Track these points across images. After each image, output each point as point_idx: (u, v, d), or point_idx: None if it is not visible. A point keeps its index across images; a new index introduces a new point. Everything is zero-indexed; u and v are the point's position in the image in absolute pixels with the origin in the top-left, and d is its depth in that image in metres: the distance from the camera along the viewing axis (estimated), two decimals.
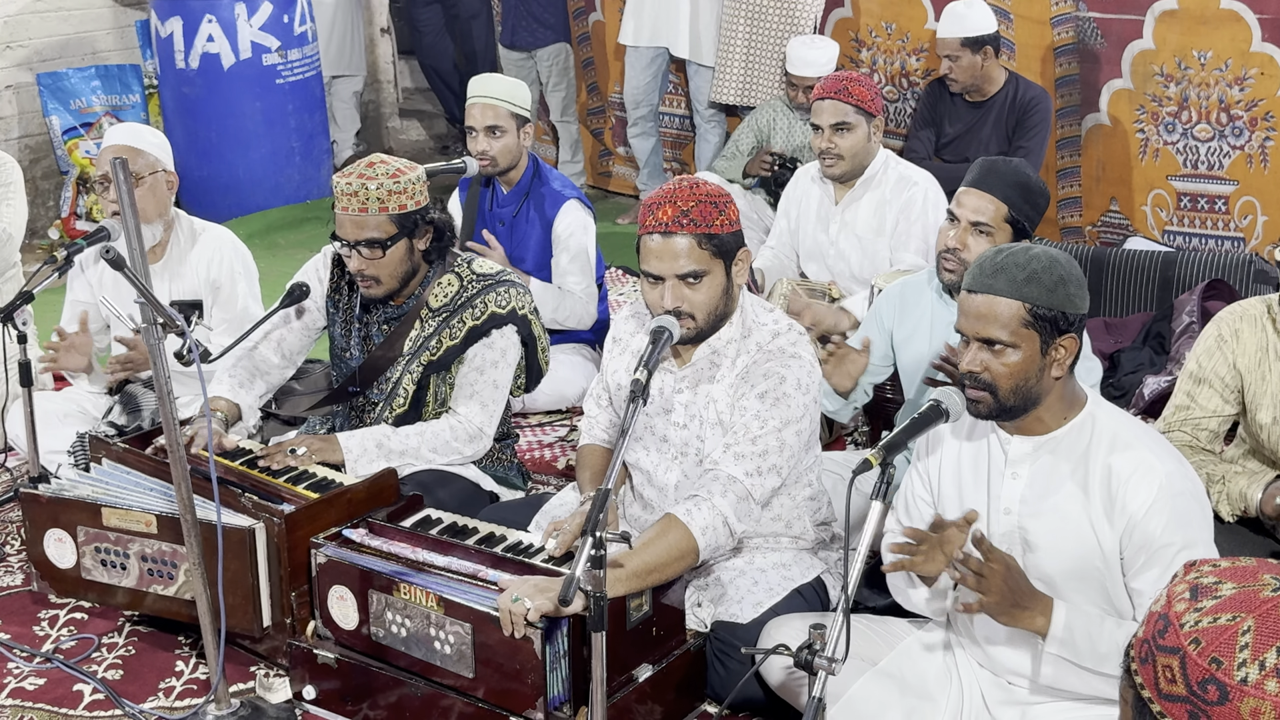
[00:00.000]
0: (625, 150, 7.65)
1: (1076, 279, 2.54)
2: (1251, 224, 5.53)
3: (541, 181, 4.89)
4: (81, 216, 7.42)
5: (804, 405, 3.06)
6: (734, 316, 3.13)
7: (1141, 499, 2.47)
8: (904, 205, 4.70)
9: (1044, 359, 2.52)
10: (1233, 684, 1.36)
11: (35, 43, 7.45)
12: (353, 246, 3.54)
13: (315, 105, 7.69)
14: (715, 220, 2.98)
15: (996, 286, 2.52)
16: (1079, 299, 2.54)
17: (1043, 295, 2.50)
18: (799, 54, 5.93)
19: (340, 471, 3.53)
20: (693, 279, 2.99)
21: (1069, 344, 2.53)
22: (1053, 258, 2.54)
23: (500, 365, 3.70)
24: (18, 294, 3.85)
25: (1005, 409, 2.56)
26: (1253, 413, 3.26)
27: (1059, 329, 2.51)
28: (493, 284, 3.69)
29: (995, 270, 2.54)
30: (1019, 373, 2.52)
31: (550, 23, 7.60)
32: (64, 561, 3.48)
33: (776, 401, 3.02)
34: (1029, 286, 2.50)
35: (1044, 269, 2.51)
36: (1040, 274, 2.51)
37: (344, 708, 3.14)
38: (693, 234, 2.97)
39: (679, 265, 2.98)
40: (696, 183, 3.03)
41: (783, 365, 3.06)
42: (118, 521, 3.37)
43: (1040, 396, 2.56)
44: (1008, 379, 2.53)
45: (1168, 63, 5.55)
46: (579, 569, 2.43)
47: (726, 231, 3.00)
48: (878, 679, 2.74)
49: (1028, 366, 2.52)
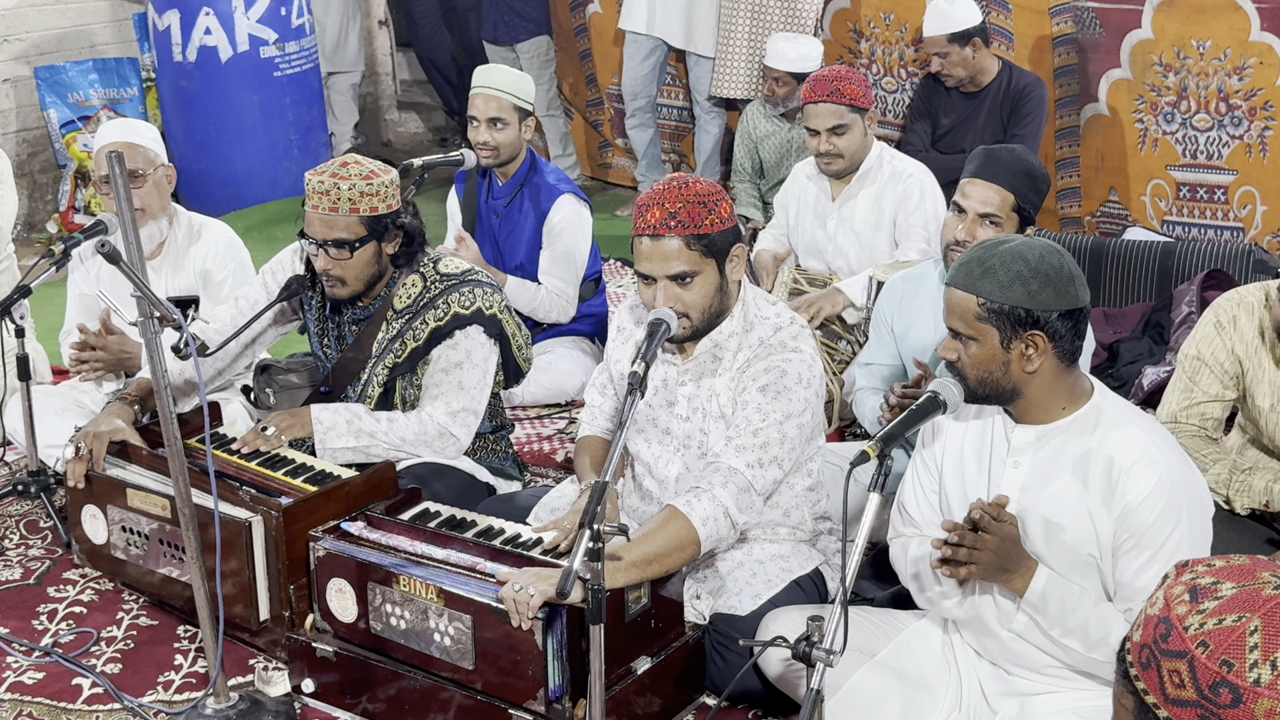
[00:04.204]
0: (624, 142, 7.64)
1: (1045, 275, 2.49)
2: (1250, 214, 5.52)
3: (536, 174, 4.88)
4: (80, 210, 7.41)
5: (805, 399, 3.06)
6: (735, 310, 3.13)
7: (1140, 487, 2.47)
8: (901, 198, 4.70)
9: (1007, 353, 2.52)
10: (1246, 686, 1.35)
11: (32, 36, 7.44)
12: (320, 245, 3.52)
13: (313, 98, 7.67)
14: (704, 220, 2.98)
15: (957, 280, 2.56)
16: (1046, 296, 2.49)
17: (995, 291, 2.49)
18: (776, 47, 5.96)
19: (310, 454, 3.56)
20: (684, 279, 2.99)
21: (1039, 340, 2.50)
22: (1020, 253, 2.50)
23: (465, 366, 3.65)
24: (15, 288, 3.85)
25: (976, 397, 2.60)
26: (1251, 399, 3.26)
27: (1021, 324, 2.49)
28: (457, 284, 3.64)
29: (960, 264, 2.57)
30: (981, 365, 2.55)
31: (531, 16, 7.57)
32: (97, 537, 3.59)
33: (778, 395, 3.02)
34: (983, 281, 2.50)
35: (1003, 264, 2.50)
36: (997, 269, 2.49)
37: (343, 700, 3.15)
38: (681, 235, 2.97)
39: (669, 266, 2.99)
40: (686, 182, 3.03)
41: (784, 359, 3.06)
42: (139, 503, 3.44)
43: (1016, 388, 2.55)
44: (972, 369, 2.56)
45: (1166, 52, 5.54)
46: (577, 561, 2.43)
47: (716, 230, 3.00)
48: (876, 670, 2.74)
49: (989, 360, 2.53)
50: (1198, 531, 2.51)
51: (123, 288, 3.02)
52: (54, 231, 7.34)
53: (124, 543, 3.52)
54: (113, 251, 2.80)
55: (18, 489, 4.02)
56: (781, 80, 5.91)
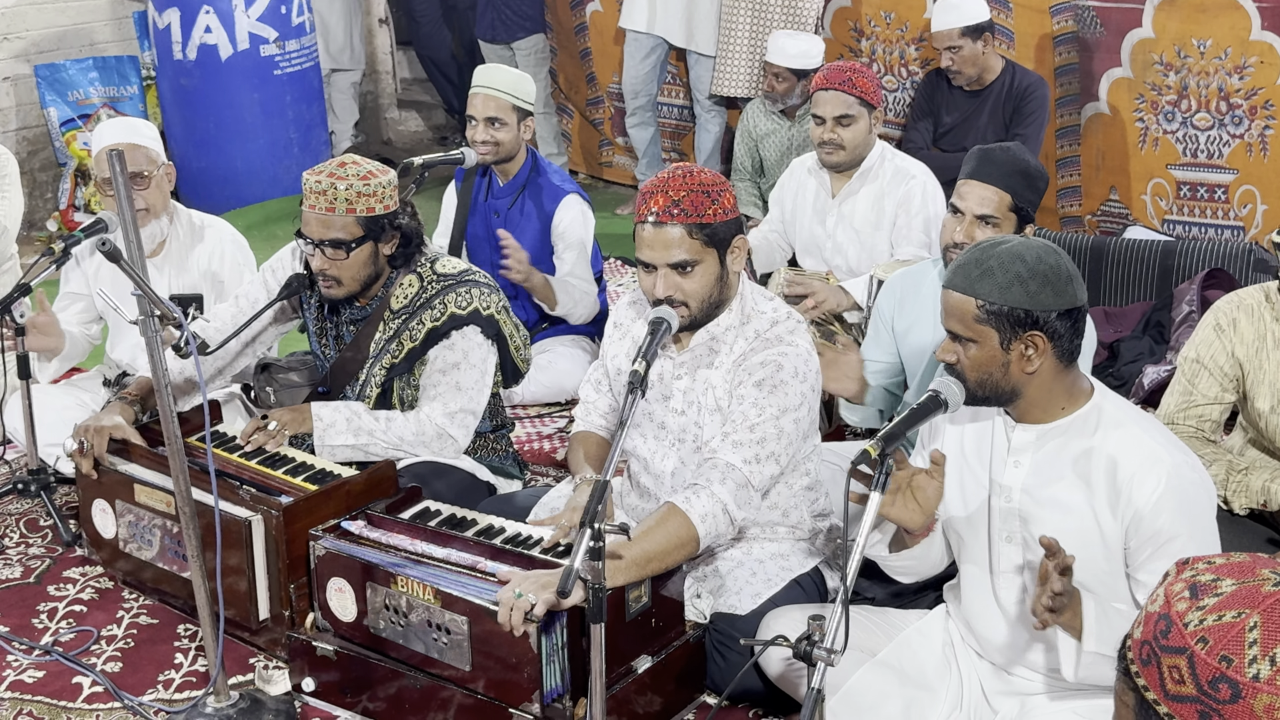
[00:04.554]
0: (624, 140, 7.63)
1: (1043, 276, 2.48)
2: (1251, 213, 5.52)
3: (540, 174, 4.88)
4: (80, 208, 7.40)
5: (801, 393, 3.05)
6: (733, 303, 3.12)
7: (1148, 491, 2.46)
8: (903, 199, 4.70)
9: (1006, 354, 2.51)
10: (1245, 681, 1.35)
11: (33, 34, 7.44)
12: (317, 245, 3.51)
13: (313, 96, 7.67)
14: (708, 209, 2.97)
15: (955, 282, 2.54)
16: (1044, 296, 2.48)
17: (994, 292, 2.49)
18: (777, 43, 5.94)
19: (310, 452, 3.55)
20: (685, 268, 2.99)
21: (1038, 341, 2.49)
22: (1017, 254, 2.50)
23: (462, 367, 3.64)
24: (15, 286, 3.85)
25: (976, 398, 2.58)
26: (1251, 400, 3.26)
27: (1022, 325, 2.49)
28: (454, 284, 3.63)
29: (958, 266, 2.56)
30: (980, 366, 2.53)
31: (527, 14, 7.56)
32: (107, 532, 3.61)
33: (774, 389, 3.02)
34: (981, 283, 2.50)
35: (1000, 266, 2.49)
36: (995, 271, 2.49)
37: (343, 699, 3.14)
38: (684, 224, 2.97)
39: (670, 255, 2.98)
40: (691, 171, 3.03)
41: (780, 353, 3.05)
42: (146, 499, 3.45)
43: (1015, 388, 2.55)
44: (971, 371, 2.55)
45: (1167, 51, 5.54)
46: (577, 560, 2.43)
47: (719, 220, 2.99)
48: (877, 670, 2.74)
49: (988, 361, 2.52)
50: (1208, 527, 2.51)
51: (123, 286, 3.02)
52: (54, 230, 7.34)
53: (130, 538, 3.53)
54: (113, 250, 2.80)
55: (18, 487, 4.02)
56: (781, 76, 5.90)
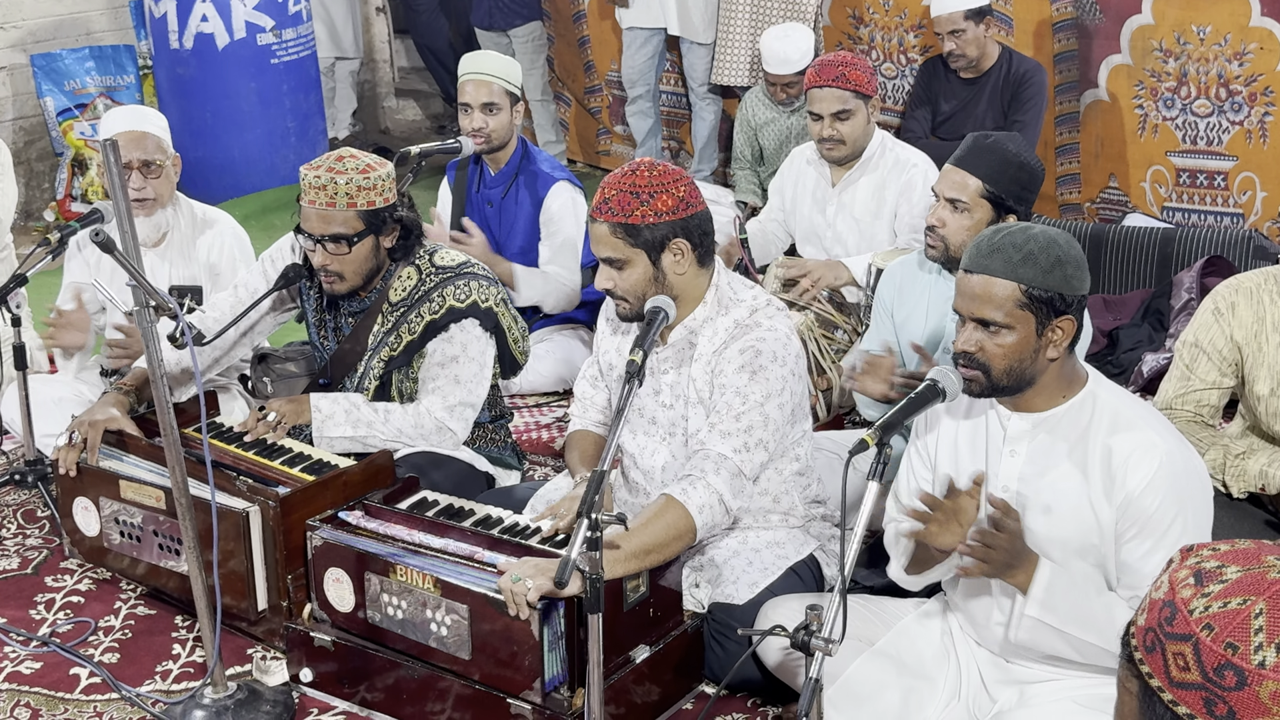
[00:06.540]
0: (622, 129, 7.62)
1: (1075, 260, 2.52)
2: (1250, 200, 5.51)
3: (530, 162, 4.86)
4: (77, 198, 7.39)
5: (782, 377, 3.05)
6: (707, 295, 3.12)
7: (1140, 475, 2.47)
8: (904, 187, 4.68)
9: (1039, 340, 2.51)
10: (1250, 668, 1.34)
11: (29, 24, 7.42)
12: (318, 241, 3.50)
13: (311, 85, 7.64)
14: (634, 210, 2.96)
15: (992, 267, 2.51)
16: (1077, 280, 2.52)
17: (1038, 276, 2.48)
18: (776, 52, 5.86)
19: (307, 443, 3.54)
20: (613, 264, 3.00)
21: (1066, 325, 2.51)
22: (1051, 238, 2.51)
23: (461, 360, 3.63)
24: (11, 276, 3.84)
25: (998, 389, 2.56)
26: (1250, 385, 3.26)
27: (1056, 310, 2.50)
28: (452, 277, 3.62)
29: (991, 250, 2.52)
30: (1013, 354, 2.51)
31: (524, 1, 7.54)
32: (89, 529, 3.59)
33: (754, 375, 3.02)
34: (1024, 267, 2.49)
35: (1040, 249, 2.49)
36: (1037, 254, 2.49)
37: (341, 690, 3.14)
38: (608, 222, 2.98)
39: (599, 250, 3.02)
40: (637, 169, 3.02)
41: (757, 338, 3.05)
42: (133, 495, 3.43)
43: (1035, 377, 2.54)
44: (1002, 359, 2.52)
45: (1166, 38, 5.52)
46: (575, 550, 2.43)
47: (646, 223, 2.97)
48: (875, 659, 2.74)
49: (1022, 348, 2.51)
50: (1200, 514, 2.52)
51: (120, 276, 3.01)
52: (51, 220, 7.32)
53: (116, 535, 3.51)
54: (107, 240, 2.79)
55: (15, 478, 4.02)
56: (789, 82, 5.86)
